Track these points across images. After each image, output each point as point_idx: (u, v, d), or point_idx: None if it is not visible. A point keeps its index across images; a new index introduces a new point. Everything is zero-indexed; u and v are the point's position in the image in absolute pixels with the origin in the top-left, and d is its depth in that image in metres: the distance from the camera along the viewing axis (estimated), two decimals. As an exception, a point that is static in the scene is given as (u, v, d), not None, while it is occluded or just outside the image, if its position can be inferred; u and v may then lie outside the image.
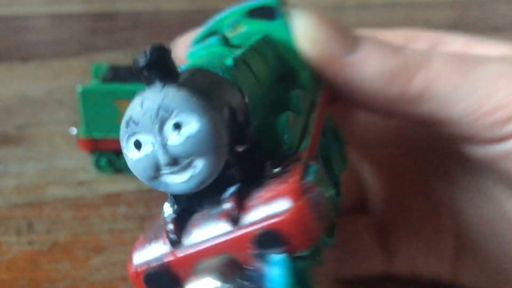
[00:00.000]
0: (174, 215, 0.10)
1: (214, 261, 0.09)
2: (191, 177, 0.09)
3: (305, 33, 0.15)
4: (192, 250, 0.10)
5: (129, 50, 0.42)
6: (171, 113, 0.09)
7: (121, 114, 0.21)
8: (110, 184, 0.25)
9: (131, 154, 0.10)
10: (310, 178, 0.10)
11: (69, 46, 0.43)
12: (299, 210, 0.09)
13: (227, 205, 0.10)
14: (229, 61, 0.12)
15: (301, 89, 0.13)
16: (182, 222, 0.10)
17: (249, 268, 0.09)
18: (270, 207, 0.09)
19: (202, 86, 0.10)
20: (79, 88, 0.23)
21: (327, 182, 0.12)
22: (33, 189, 0.24)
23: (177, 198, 0.11)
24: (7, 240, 0.21)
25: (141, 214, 0.23)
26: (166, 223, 0.10)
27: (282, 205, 0.09)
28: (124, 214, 0.23)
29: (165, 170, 0.10)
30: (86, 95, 0.23)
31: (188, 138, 0.09)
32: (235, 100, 0.11)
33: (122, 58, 0.41)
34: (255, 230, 0.09)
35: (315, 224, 0.09)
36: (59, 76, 0.37)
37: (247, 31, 0.16)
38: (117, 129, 0.28)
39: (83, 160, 0.26)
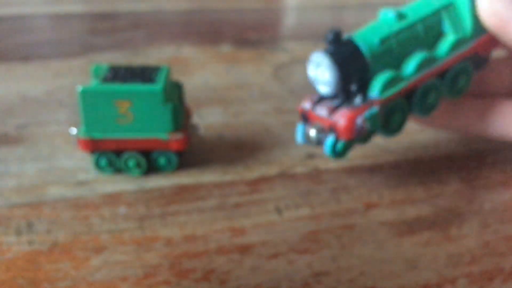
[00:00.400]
0: (317, 99, 0.23)
1: (317, 123, 0.23)
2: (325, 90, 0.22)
3: (488, 11, 0.21)
4: (314, 113, 0.23)
5: (129, 50, 0.42)
6: (319, 65, 0.22)
7: (121, 114, 0.23)
8: (110, 184, 0.25)
9: (311, 73, 0.22)
10: (365, 115, 0.22)
11: (69, 46, 0.43)
12: (345, 126, 0.22)
13: (332, 106, 0.23)
14: (376, 41, 0.22)
15: (427, 52, 0.23)
16: (319, 103, 0.23)
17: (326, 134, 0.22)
18: (340, 117, 0.22)
19: (340, 54, 0.21)
20: (79, 88, 0.23)
21: (376, 119, 0.22)
22: (33, 189, 0.24)
23: (321, 96, 0.23)
24: (6, 240, 0.21)
25: (141, 214, 0.23)
26: (313, 100, 0.23)
27: (342, 120, 0.22)
28: (124, 214, 0.23)
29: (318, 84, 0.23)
30: (86, 95, 0.23)
31: (323, 78, 0.22)
32: (359, 64, 0.22)
33: (122, 58, 0.41)
34: (330, 121, 0.22)
35: (350, 135, 0.22)
36: (59, 76, 0.37)
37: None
38: (117, 129, 0.29)
39: (83, 160, 0.26)
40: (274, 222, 0.23)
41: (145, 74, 0.24)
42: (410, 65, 0.23)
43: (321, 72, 0.22)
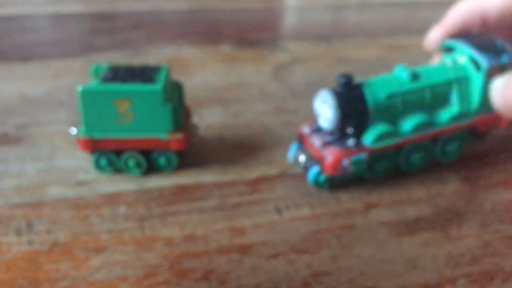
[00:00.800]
0: (316, 128, 0.25)
1: (308, 151, 0.25)
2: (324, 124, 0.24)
3: (500, 95, 0.23)
4: (309, 141, 0.25)
5: (129, 50, 0.42)
6: (325, 102, 0.23)
7: (121, 114, 0.23)
8: (110, 184, 0.25)
9: (317, 106, 0.24)
10: (352, 159, 0.23)
11: (69, 46, 0.43)
12: (331, 163, 0.23)
13: (326, 140, 0.24)
14: (382, 95, 0.24)
15: (427, 116, 0.25)
16: (316, 132, 0.25)
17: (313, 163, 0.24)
18: (329, 154, 0.23)
19: (345, 98, 0.23)
20: (79, 88, 0.23)
21: (361, 165, 0.24)
22: (33, 189, 0.24)
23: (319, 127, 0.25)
24: (7, 240, 0.21)
25: (140, 214, 0.23)
26: (312, 127, 0.25)
27: (330, 157, 0.23)
28: (123, 214, 0.23)
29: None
30: (86, 95, 0.23)
31: (325, 114, 0.24)
32: (361, 111, 0.24)
33: (122, 58, 0.41)
34: (320, 154, 0.24)
35: (334, 172, 0.23)
36: (59, 76, 0.37)
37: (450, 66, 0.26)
38: (117, 129, 0.29)
39: (83, 160, 0.26)
40: (274, 222, 0.23)
41: (145, 74, 0.24)
42: (408, 124, 0.24)
43: (324, 109, 0.23)
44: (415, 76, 0.24)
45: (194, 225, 0.22)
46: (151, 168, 0.26)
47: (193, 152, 0.28)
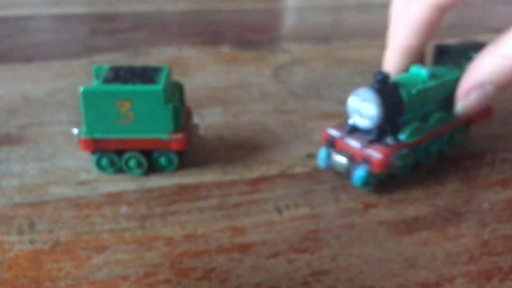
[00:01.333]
0: (349, 130, 0.25)
1: (347, 153, 0.25)
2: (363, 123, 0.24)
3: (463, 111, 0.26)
4: (344, 143, 0.25)
5: (130, 51, 0.43)
6: (366, 100, 0.24)
7: (122, 115, 0.23)
8: (111, 184, 0.25)
9: (353, 104, 0.25)
10: (398, 154, 0.24)
11: (71, 47, 0.44)
12: (381, 160, 0.24)
13: (367, 139, 0.24)
14: (413, 91, 0.25)
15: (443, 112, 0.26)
16: (351, 134, 0.25)
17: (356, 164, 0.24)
18: (376, 152, 0.24)
19: (387, 95, 0.24)
20: (81, 89, 0.23)
21: (405, 158, 0.25)
22: (35, 189, 0.24)
23: (352, 128, 0.25)
24: (9, 239, 0.21)
25: (142, 213, 0.23)
26: (344, 130, 0.25)
27: (379, 154, 0.24)
28: (125, 213, 0.23)
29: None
30: (87, 95, 0.23)
31: (367, 112, 0.24)
32: (398, 108, 0.24)
33: (123, 58, 0.41)
34: (364, 154, 0.24)
35: (384, 168, 0.24)
36: (61, 76, 0.38)
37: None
38: (118, 130, 0.29)
39: (85, 160, 0.27)
40: (274, 221, 0.23)
41: (146, 74, 0.25)
42: (433, 119, 0.26)
43: (365, 107, 0.24)
44: (433, 75, 0.26)
45: (194, 224, 0.22)
46: (152, 168, 0.26)
47: (193, 152, 0.28)
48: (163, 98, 0.24)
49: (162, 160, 0.26)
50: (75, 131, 0.25)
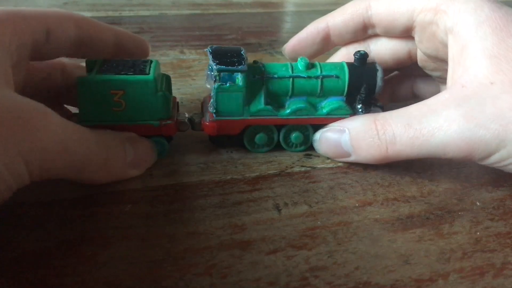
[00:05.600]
0: None
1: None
2: None
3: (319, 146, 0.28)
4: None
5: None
6: None
7: (116, 103, 0.24)
8: (116, 183, 0.25)
9: None
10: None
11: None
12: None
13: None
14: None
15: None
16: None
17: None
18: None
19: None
20: (77, 78, 0.24)
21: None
22: (42, 186, 0.25)
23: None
24: (16, 237, 0.21)
25: (146, 211, 0.24)
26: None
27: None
28: (129, 211, 0.23)
29: None
30: (83, 84, 0.24)
31: None
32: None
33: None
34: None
35: None
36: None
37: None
38: (112, 117, 0.29)
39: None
40: (273, 219, 0.23)
41: (136, 66, 0.26)
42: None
43: None
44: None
45: (196, 222, 0.23)
46: None
47: (194, 152, 0.29)
48: (154, 87, 0.25)
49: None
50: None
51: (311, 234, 0.22)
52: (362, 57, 0.27)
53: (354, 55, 0.27)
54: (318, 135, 0.28)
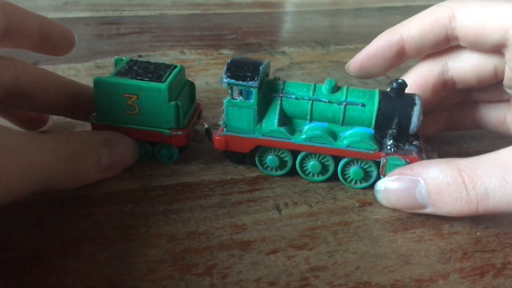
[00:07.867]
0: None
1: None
2: None
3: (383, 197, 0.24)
4: None
5: (134, 54, 0.43)
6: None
7: (129, 106, 0.24)
8: (116, 183, 0.25)
9: None
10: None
11: (76, 50, 0.44)
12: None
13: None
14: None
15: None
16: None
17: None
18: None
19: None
20: (95, 78, 0.25)
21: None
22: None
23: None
24: (16, 236, 0.21)
25: (146, 211, 0.24)
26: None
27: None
28: (129, 211, 0.23)
29: None
30: (99, 84, 0.25)
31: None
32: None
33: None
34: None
35: None
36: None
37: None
38: (125, 119, 0.29)
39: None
40: (273, 219, 0.23)
41: (156, 71, 0.26)
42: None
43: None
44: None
45: (196, 222, 0.23)
46: (155, 157, 0.27)
47: (195, 153, 0.29)
48: (167, 95, 0.24)
49: (164, 153, 0.27)
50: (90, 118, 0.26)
51: (311, 234, 0.22)
52: (399, 86, 0.24)
53: (390, 84, 0.24)
54: (383, 186, 0.24)
